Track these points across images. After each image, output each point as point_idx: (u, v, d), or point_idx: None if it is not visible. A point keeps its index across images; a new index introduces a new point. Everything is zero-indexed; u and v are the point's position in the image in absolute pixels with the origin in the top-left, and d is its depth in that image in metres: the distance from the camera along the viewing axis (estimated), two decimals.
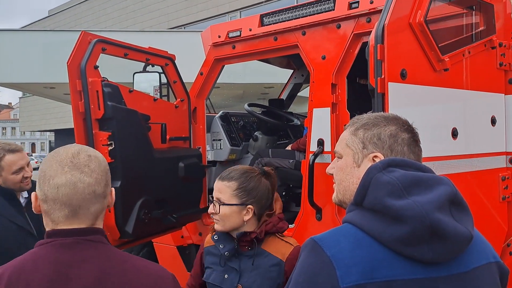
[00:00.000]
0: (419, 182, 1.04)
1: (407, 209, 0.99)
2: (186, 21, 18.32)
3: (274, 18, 3.13)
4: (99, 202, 1.20)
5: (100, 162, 1.21)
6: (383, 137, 1.18)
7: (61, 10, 24.14)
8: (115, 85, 2.76)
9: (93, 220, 1.20)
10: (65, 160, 1.18)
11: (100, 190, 1.19)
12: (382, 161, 1.10)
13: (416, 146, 1.19)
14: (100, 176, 1.19)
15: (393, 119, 1.22)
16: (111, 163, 2.64)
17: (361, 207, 1.08)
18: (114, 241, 2.72)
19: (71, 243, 1.16)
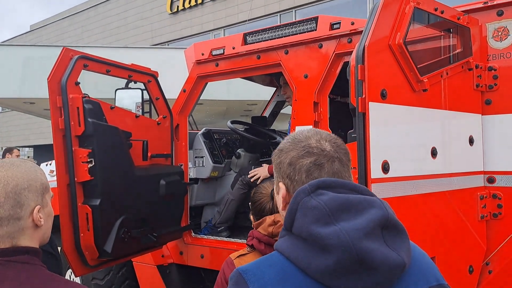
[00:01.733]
0: (348, 206, 0.97)
1: (332, 238, 0.92)
2: (169, 38, 18.37)
3: (257, 37, 3.16)
4: (8, 225, 1.14)
5: (7, 183, 1.15)
6: (283, 166, 1.10)
7: (44, 25, 23.96)
8: (96, 101, 2.73)
9: (10, 241, 1.16)
10: None
11: (4, 213, 1.14)
12: (311, 183, 1.01)
13: (319, 170, 1.06)
14: (2, 199, 1.14)
15: (299, 142, 1.10)
16: (90, 180, 2.59)
17: (291, 233, 1.00)
18: (93, 260, 2.66)
19: None
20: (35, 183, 1.20)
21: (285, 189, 1.10)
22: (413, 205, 2.06)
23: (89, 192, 2.61)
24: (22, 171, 1.19)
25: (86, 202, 2.60)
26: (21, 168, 1.20)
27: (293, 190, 1.07)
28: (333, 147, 1.09)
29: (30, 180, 1.19)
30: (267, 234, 1.91)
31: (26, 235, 1.18)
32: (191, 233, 3.52)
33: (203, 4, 17.02)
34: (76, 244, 2.59)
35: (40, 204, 1.21)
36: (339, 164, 1.08)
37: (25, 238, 1.18)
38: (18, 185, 1.16)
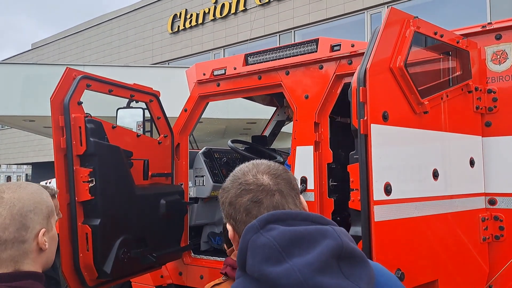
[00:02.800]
0: (300, 240, 0.92)
1: (284, 277, 0.87)
2: (170, 57, 18.54)
3: (258, 58, 3.20)
4: (12, 248, 1.12)
5: (13, 205, 1.14)
6: (225, 206, 1.07)
7: (45, 43, 24.19)
8: (98, 121, 2.74)
9: (13, 265, 1.14)
10: None
11: (9, 236, 1.12)
12: (260, 218, 0.95)
13: (257, 207, 1.02)
14: (8, 221, 1.12)
15: (237, 179, 1.07)
16: (90, 200, 2.59)
17: (245, 273, 0.95)
18: (92, 281, 2.62)
19: None
20: (41, 205, 1.19)
21: (232, 229, 1.07)
22: (415, 227, 2.05)
23: (89, 211, 2.60)
24: (29, 193, 1.18)
25: (86, 222, 2.58)
26: (28, 190, 1.19)
27: (238, 230, 1.03)
28: (272, 179, 1.05)
29: (36, 203, 1.18)
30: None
31: (29, 259, 1.16)
32: (191, 253, 3.49)
33: (203, 24, 17.24)
34: (75, 264, 2.56)
35: (45, 227, 1.19)
36: (280, 197, 1.03)
37: (29, 262, 1.16)
38: (24, 207, 1.15)
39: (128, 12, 20.23)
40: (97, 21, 21.63)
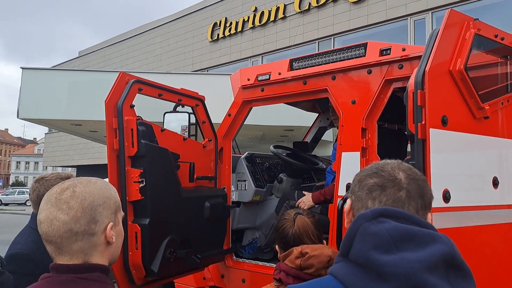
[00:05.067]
0: (412, 237, 0.95)
1: (392, 266, 0.89)
2: (209, 65, 18.87)
3: (303, 63, 3.21)
4: (82, 240, 1.16)
5: (85, 199, 1.17)
6: (353, 182, 1.14)
7: (91, 51, 25.19)
8: (148, 123, 2.82)
9: (83, 256, 1.17)
10: (52, 196, 1.18)
11: (79, 228, 1.15)
12: (373, 209, 1.01)
13: (379, 191, 1.07)
14: (79, 213, 1.15)
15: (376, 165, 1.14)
16: (140, 200, 2.66)
17: (347, 259, 0.99)
18: (139, 280, 2.69)
19: (64, 280, 1.15)
20: (110, 200, 1.23)
21: (350, 205, 1.13)
22: (473, 236, 1.98)
23: (139, 211, 2.67)
24: (98, 188, 1.22)
25: (136, 221, 2.65)
26: (97, 185, 1.23)
27: (354, 206, 1.10)
28: (407, 178, 1.09)
29: (105, 198, 1.22)
30: (295, 267, 1.82)
31: (98, 252, 1.19)
32: (233, 256, 3.51)
33: (242, 32, 17.44)
34: (125, 262, 2.64)
35: (113, 221, 1.23)
36: (405, 196, 1.06)
37: (97, 255, 1.19)
38: (94, 201, 1.18)
39: (169, 21, 20.78)
40: (140, 30, 22.34)
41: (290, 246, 1.91)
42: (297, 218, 1.99)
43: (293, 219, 1.99)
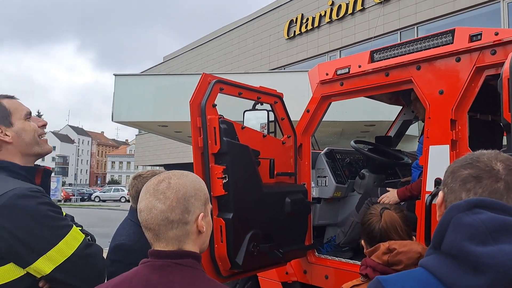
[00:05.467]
0: (510, 229, 0.90)
1: (489, 257, 0.86)
2: (286, 62, 18.92)
3: (385, 54, 3.10)
4: (177, 228, 1.24)
5: (179, 190, 1.26)
6: (446, 174, 1.10)
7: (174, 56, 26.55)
8: (230, 122, 2.91)
9: (177, 243, 1.26)
10: (151, 187, 1.28)
11: (175, 217, 1.24)
12: (468, 200, 0.97)
13: (474, 183, 1.02)
14: (174, 203, 1.24)
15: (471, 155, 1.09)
16: (224, 195, 2.76)
17: (439, 251, 0.97)
18: (225, 271, 2.79)
19: (161, 265, 1.24)
20: (200, 192, 1.31)
21: (442, 197, 1.09)
22: None
23: (223, 206, 2.77)
24: (190, 180, 1.31)
25: (220, 215, 2.76)
26: (189, 178, 1.32)
27: (447, 199, 1.06)
28: (505, 169, 1.03)
29: (196, 190, 1.30)
30: (382, 263, 1.78)
31: (190, 240, 1.28)
32: (315, 252, 3.51)
33: (319, 27, 17.24)
34: (211, 254, 2.75)
35: (203, 212, 1.31)
36: (504, 188, 1.01)
37: (189, 242, 1.28)
38: (187, 192, 1.27)
39: (246, 22, 21.20)
40: (218, 33, 23.07)
41: (376, 241, 1.88)
42: (384, 212, 1.94)
43: (380, 213, 1.95)
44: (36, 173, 1.79)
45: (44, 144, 1.83)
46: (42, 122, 1.84)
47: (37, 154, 1.81)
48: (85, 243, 1.68)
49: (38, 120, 1.83)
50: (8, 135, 1.71)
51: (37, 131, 1.79)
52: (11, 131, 1.72)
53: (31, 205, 1.59)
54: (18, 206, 1.57)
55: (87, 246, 1.68)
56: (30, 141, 1.76)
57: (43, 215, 1.60)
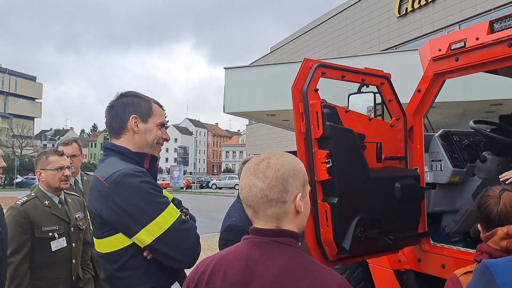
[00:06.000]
0: None
1: None
2: (397, 42, 17.90)
3: (508, 23, 2.77)
4: (275, 207, 1.28)
5: (278, 170, 1.29)
6: None
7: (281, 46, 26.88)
8: (332, 106, 2.88)
9: (276, 222, 1.30)
10: (251, 166, 1.33)
11: (273, 196, 1.28)
12: None
13: None
14: (273, 182, 1.28)
15: None
16: (328, 180, 2.75)
17: None
18: (332, 256, 2.79)
19: (260, 242, 1.29)
20: (299, 173, 1.34)
21: None
22: None
23: (328, 190, 2.77)
24: (289, 161, 1.34)
25: (325, 200, 2.76)
26: (288, 158, 1.35)
27: None
28: None
29: (295, 170, 1.33)
30: (500, 249, 1.64)
31: (288, 219, 1.31)
32: (430, 240, 3.31)
33: (434, 2, 15.95)
34: (317, 238, 2.77)
35: (302, 192, 1.33)
36: None
37: (287, 221, 1.31)
38: (286, 172, 1.31)
39: (353, 3, 20.49)
40: (324, 18, 22.70)
41: (494, 226, 1.72)
42: (504, 194, 1.76)
43: (499, 195, 1.78)
44: (145, 158, 2.04)
45: (157, 151, 2.11)
46: (166, 136, 2.13)
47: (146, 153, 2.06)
48: (180, 219, 1.87)
49: (165, 133, 2.13)
50: (139, 127, 2.02)
51: (159, 139, 2.09)
52: (142, 125, 2.03)
53: (135, 183, 1.83)
54: (125, 183, 1.82)
55: (182, 222, 1.87)
56: (148, 143, 2.05)
57: (144, 191, 1.83)
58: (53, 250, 3.02)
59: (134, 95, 2.08)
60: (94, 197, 1.91)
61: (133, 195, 1.81)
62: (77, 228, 3.24)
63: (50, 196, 3.16)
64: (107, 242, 1.88)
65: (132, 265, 1.85)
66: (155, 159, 2.09)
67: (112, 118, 2.04)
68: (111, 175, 1.84)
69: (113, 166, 1.90)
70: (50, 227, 3.04)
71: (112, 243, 1.87)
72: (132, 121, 2.01)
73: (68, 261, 3.11)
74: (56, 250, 3.03)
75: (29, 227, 2.96)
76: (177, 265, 1.87)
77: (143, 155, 2.03)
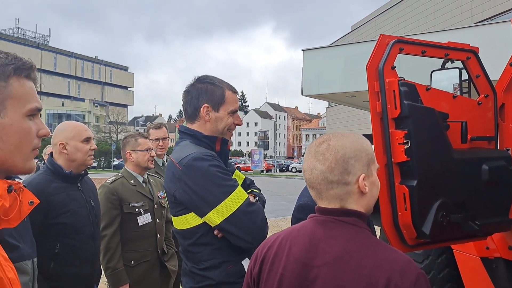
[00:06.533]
0: None
1: None
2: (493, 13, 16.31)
3: None
4: (336, 188, 1.29)
5: (337, 151, 1.29)
6: None
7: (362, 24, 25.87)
8: (412, 83, 2.74)
9: (339, 202, 1.31)
10: (312, 148, 1.35)
11: (334, 178, 1.28)
12: None
13: None
14: (333, 164, 1.28)
15: None
16: (406, 161, 2.64)
17: None
18: (411, 240, 2.70)
19: (324, 220, 1.32)
20: (361, 153, 1.32)
21: None
22: None
23: (406, 172, 2.66)
24: (350, 141, 1.33)
25: (403, 182, 2.65)
26: (350, 139, 1.34)
27: None
28: None
29: (357, 151, 1.32)
30: None
31: (352, 199, 1.31)
32: None
33: None
34: (395, 222, 2.69)
35: (366, 173, 1.32)
36: None
37: (352, 202, 1.31)
38: (346, 154, 1.30)
39: None
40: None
41: None
42: None
43: None
44: (216, 141, 2.14)
45: (228, 135, 2.18)
46: (238, 122, 2.19)
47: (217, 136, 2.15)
48: (248, 201, 1.95)
49: (237, 118, 2.18)
50: (210, 115, 2.11)
51: (230, 125, 2.16)
52: (213, 114, 2.11)
53: (204, 166, 1.93)
54: (195, 166, 1.94)
55: (249, 204, 1.95)
56: (219, 130, 2.14)
57: (212, 174, 1.93)
58: (140, 225, 3.30)
59: (209, 82, 2.15)
60: (169, 178, 2.05)
61: (202, 178, 1.92)
62: (160, 206, 3.50)
63: (135, 176, 3.45)
64: (182, 220, 2.02)
65: (204, 242, 1.98)
66: (226, 141, 2.18)
67: (187, 103, 2.16)
68: (184, 158, 1.96)
69: (186, 150, 2.02)
70: (136, 203, 3.32)
71: (186, 221, 2.01)
72: (204, 110, 2.10)
73: (154, 236, 3.37)
74: (143, 225, 3.31)
75: (118, 203, 3.26)
76: (244, 244, 1.96)
77: (214, 138, 2.13)
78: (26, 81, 1.05)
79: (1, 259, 1.00)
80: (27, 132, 1.04)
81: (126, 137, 3.58)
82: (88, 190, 2.86)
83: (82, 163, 2.75)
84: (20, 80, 1.03)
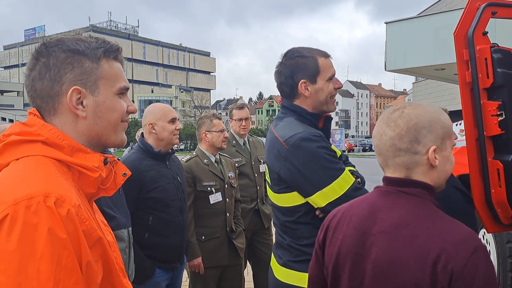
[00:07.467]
0: None
1: None
2: None
3: None
4: (404, 156, 1.26)
5: (410, 119, 1.25)
6: None
7: None
8: (506, 50, 2.50)
9: (405, 171, 1.27)
10: (385, 115, 1.33)
11: (402, 145, 1.25)
12: None
13: None
14: (404, 132, 1.25)
15: None
16: (501, 135, 2.44)
17: None
18: (506, 219, 2.51)
19: (386, 191, 1.31)
20: (436, 125, 1.27)
21: None
22: None
23: (501, 146, 2.46)
24: (427, 112, 1.28)
25: (497, 157, 2.46)
26: (426, 109, 1.30)
27: None
28: None
29: (431, 121, 1.27)
30: None
31: (420, 170, 1.27)
32: None
33: None
34: (487, 200, 2.52)
35: (438, 146, 1.26)
36: None
37: (419, 172, 1.27)
38: (419, 123, 1.26)
39: None
40: None
41: None
42: None
43: None
44: (319, 118, 2.10)
45: (332, 104, 2.08)
46: (339, 85, 2.08)
47: (323, 112, 2.08)
48: (354, 186, 1.89)
49: (336, 82, 2.07)
50: (309, 90, 2.03)
51: (331, 92, 2.06)
52: (312, 87, 2.02)
53: (312, 147, 1.89)
54: (303, 147, 1.90)
55: (355, 189, 1.88)
56: (322, 100, 2.04)
57: (320, 156, 1.89)
58: (211, 203, 3.44)
59: (298, 55, 2.04)
60: (273, 155, 2.00)
61: (310, 160, 1.88)
62: (230, 186, 3.63)
63: (208, 156, 3.59)
64: (283, 198, 2.02)
65: (304, 220, 1.97)
66: (329, 119, 2.14)
67: (282, 84, 2.07)
68: (291, 137, 1.92)
69: (292, 128, 1.97)
70: (208, 182, 3.47)
71: (287, 199, 2.00)
72: (302, 86, 2.01)
73: (223, 214, 3.51)
74: (214, 203, 3.46)
75: (192, 181, 3.43)
76: None
77: (318, 116, 2.07)
78: (115, 63, 1.14)
79: (101, 224, 1.13)
80: (119, 108, 1.14)
81: (201, 118, 3.73)
82: (175, 168, 3.06)
83: (169, 142, 2.95)
84: (109, 61, 1.13)
